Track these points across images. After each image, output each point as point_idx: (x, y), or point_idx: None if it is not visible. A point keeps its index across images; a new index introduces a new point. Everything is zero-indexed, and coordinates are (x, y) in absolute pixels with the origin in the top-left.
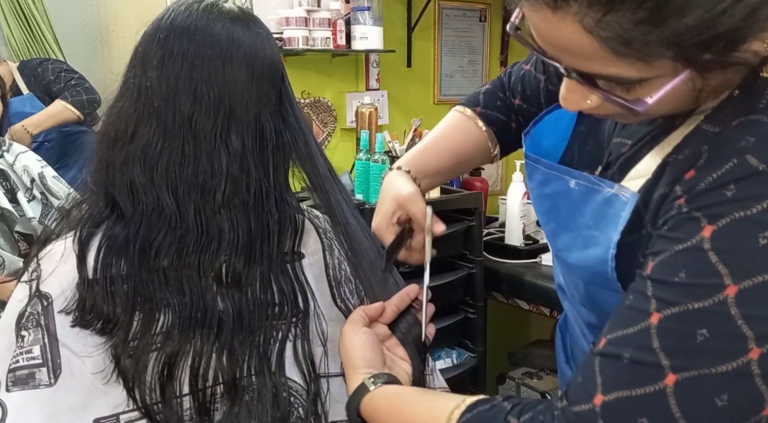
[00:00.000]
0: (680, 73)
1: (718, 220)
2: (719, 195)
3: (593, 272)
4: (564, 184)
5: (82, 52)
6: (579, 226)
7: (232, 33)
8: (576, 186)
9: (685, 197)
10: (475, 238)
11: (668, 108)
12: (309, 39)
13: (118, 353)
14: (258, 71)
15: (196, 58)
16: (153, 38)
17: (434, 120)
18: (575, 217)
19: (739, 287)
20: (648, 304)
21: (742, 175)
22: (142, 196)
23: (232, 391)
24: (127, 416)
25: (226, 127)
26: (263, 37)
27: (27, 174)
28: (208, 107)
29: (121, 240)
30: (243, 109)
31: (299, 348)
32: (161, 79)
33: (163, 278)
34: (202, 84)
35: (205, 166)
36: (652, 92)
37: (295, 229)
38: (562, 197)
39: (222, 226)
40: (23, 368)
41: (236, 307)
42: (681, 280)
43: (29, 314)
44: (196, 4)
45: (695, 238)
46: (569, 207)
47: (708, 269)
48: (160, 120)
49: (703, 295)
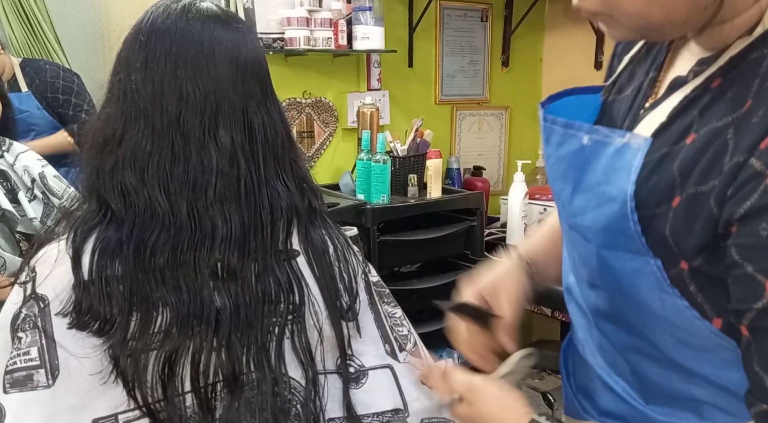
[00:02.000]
0: None
1: None
2: None
3: (609, 231)
4: (577, 141)
5: (83, 52)
6: (591, 184)
7: (213, 31)
8: (588, 141)
9: None
10: (476, 238)
11: (639, 5)
12: (310, 39)
13: (117, 354)
14: (242, 67)
15: (179, 57)
16: (134, 42)
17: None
18: (587, 175)
19: None
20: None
21: None
22: (133, 198)
23: (232, 386)
24: (125, 416)
25: (214, 123)
26: (244, 32)
27: (27, 174)
28: (194, 105)
29: (114, 241)
30: (230, 104)
31: (297, 341)
32: (146, 80)
33: (159, 277)
34: (187, 82)
35: (195, 163)
36: None
37: (288, 220)
38: (576, 156)
39: (215, 222)
40: (21, 370)
41: (233, 302)
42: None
43: (25, 316)
44: (174, 4)
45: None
46: (582, 166)
47: None
48: (148, 121)
49: None
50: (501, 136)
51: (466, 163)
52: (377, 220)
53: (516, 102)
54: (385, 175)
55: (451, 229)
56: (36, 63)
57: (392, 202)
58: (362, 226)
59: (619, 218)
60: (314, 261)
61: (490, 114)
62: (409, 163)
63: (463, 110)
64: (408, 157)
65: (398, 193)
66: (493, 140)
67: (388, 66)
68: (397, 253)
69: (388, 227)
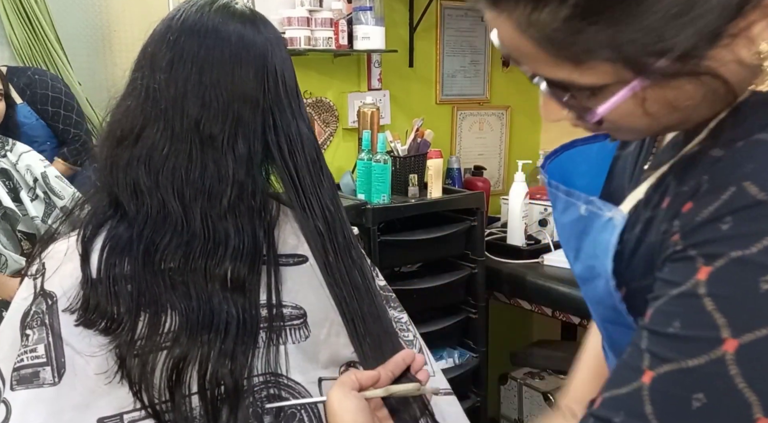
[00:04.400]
0: (630, 82)
1: (715, 260)
2: (714, 229)
3: (604, 306)
4: (576, 210)
5: (84, 52)
6: (586, 255)
7: (243, 36)
8: (585, 212)
9: (680, 233)
10: (476, 238)
11: (635, 123)
12: (311, 39)
13: (123, 355)
14: (271, 75)
15: (205, 62)
16: (162, 39)
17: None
18: (584, 245)
19: (739, 342)
20: (641, 360)
21: (740, 205)
22: (146, 198)
23: (236, 394)
24: (130, 416)
25: (234, 132)
26: (273, 41)
27: (30, 173)
28: (216, 112)
29: (125, 240)
30: (251, 114)
31: (301, 344)
32: (170, 82)
33: (168, 282)
34: (210, 89)
35: (212, 172)
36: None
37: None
38: (576, 225)
39: (228, 232)
40: (28, 367)
41: (240, 313)
42: (675, 331)
43: (34, 313)
44: (208, 6)
45: (690, 282)
46: (580, 236)
47: (703, 319)
48: (168, 123)
49: (698, 350)
50: (501, 136)
51: (466, 163)
52: (378, 220)
53: (517, 102)
54: (386, 175)
55: (451, 229)
56: (24, 73)
57: (393, 201)
58: (363, 226)
59: (607, 295)
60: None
61: (491, 114)
62: (410, 163)
63: (464, 110)
64: (408, 157)
65: (399, 193)
66: (493, 140)
67: (389, 66)
68: (397, 253)
69: (389, 227)
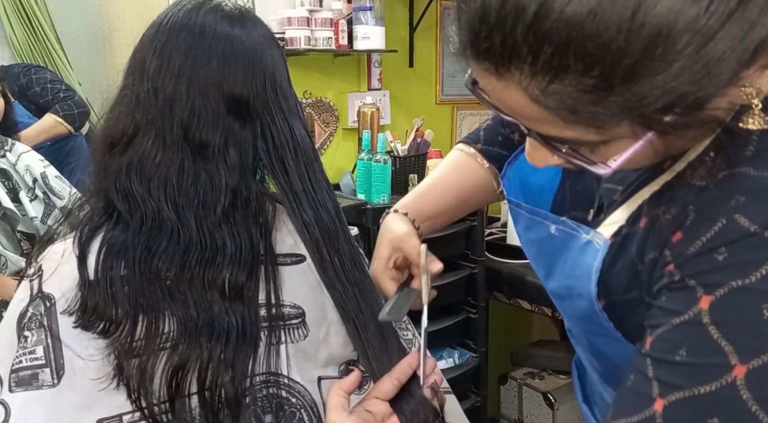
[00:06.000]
0: (642, 137)
1: (716, 289)
2: (711, 260)
3: (587, 321)
4: (545, 229)
5: (85, 52)
6: (562, 274)
7: (232, 39)
8: (557, 232)
9: (674, 263)
10: (476, 238)
11: (642, 164)
12: (311, 39)
13: (121, 360)
14: (257, 79)
15: (192, 70)
16: (151, 46)
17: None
18: (558, 264)
19: (747, 367)
20: (650, 388)
21: (734, 237)
22: (140, 205)
23: (237, 401)
24: (130, 416)
25: (224, 139)
26: (263, 42)
27: (29, 174)
28: (206, 120)
29: (121, 243)
30: (241, 120)
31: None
32: (158, 91)
33: (165, 288)
34: (198, 98)
35: (205, 180)
36: (616, 154)
37: None
38: (545, 243)
39: (225, 240)
40: (26, 369)
41: (240, 322)
42: (682, 360)
43: (32, 315)
44: (195, 10)
45: (692, 310)
46: (553, 253)
47: (710, 346)
48: (158, 131)
49: (708, 377)
50: None
51: None
52: (378, 220)
53: None
54: (386, 175)
55: (451, 229)
56: (11, 70)
57: (393, 202)
58: (363, 226)
59: (592, 314)
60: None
61: (491, 114)
62: (410, 162)
63: (464, 110)
64: (408, 157)
65: (399, 193)
66: None
67: (389, 66)
68: None
69: None
